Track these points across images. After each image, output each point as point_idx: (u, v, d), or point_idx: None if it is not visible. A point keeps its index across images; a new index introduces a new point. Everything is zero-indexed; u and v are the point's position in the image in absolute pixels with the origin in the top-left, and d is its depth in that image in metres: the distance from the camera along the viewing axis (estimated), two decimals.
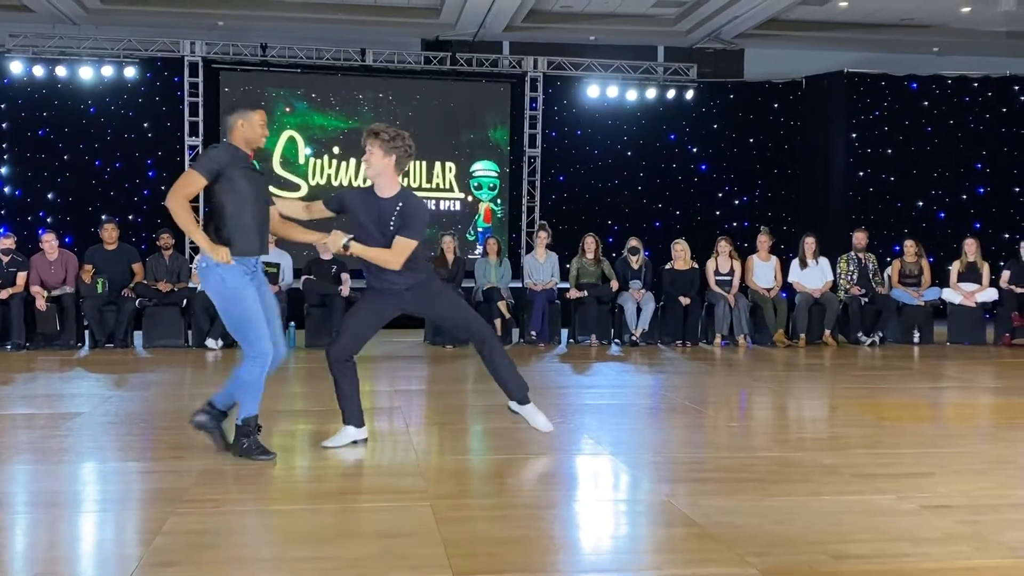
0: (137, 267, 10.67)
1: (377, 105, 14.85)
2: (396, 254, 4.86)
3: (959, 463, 4.78)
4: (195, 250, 13.71)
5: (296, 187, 14.47)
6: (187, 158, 14.09)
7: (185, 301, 10.59)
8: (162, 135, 14.35)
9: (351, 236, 4.89)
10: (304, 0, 13.81)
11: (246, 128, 4.76)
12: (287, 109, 14.54)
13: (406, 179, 14.86)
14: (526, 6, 13.76)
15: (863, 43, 15.51)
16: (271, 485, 4.40)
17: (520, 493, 4.36)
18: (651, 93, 15.17)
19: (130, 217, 13.98)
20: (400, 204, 4.89)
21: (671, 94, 15.20)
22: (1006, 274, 11.29)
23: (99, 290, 10.29)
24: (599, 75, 15.16)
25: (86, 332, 10.46)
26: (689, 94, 15.23)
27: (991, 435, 5.77)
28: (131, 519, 3.87)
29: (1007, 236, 14.19)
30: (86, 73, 13.84)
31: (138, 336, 10.63)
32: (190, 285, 10.60)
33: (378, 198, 4.92)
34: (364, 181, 14.99)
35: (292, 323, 10.55)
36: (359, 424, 5.11)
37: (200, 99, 14.18)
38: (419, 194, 14.95)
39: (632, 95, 15.14)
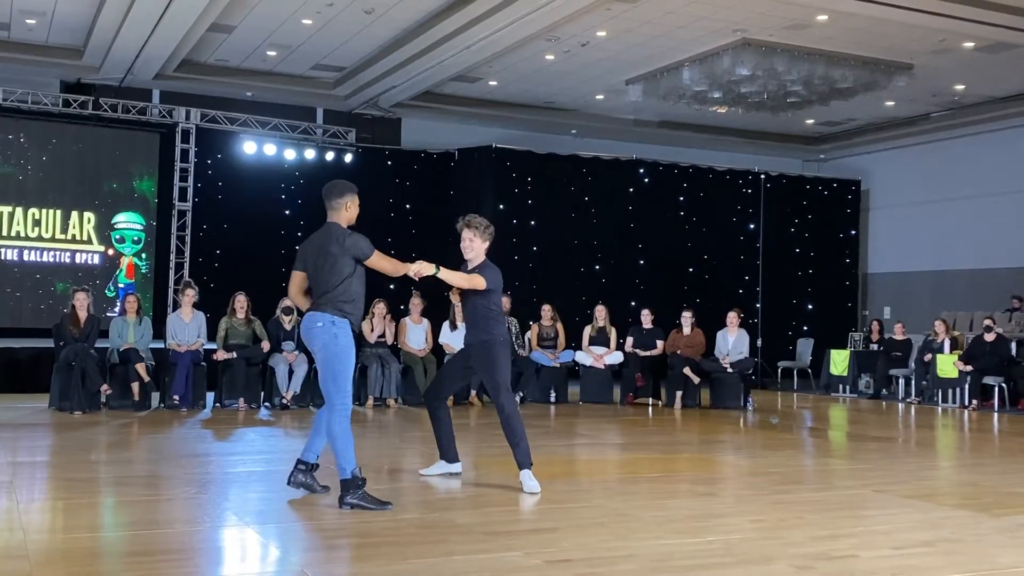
0: None
1: (6, 147, 13.62)
2: (468, 279, 5.84)
3: (582, 517, 5.14)
4: None
5: None
6: None
7: None
8: None
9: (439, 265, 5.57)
10: None
11: (352, 210, 5.43)
12: None
13: (37, 228, 13.72)
14: (179, 55, 13.28)
15: (511, 121, 16.61)
16: None
17: (147, 573, 4.06)
18: (310, 154, 15.17)
19: None
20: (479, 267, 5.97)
21: (330, 156, 15.31)
22: (630, 339, 12.41)
23: None
24: (256, 132, 14.94)
25: None
26: (348, 157, 15.42)
27: (612, 489, 6.27)
28: None
29: (632, 304, 15.63)
30: None
31: None
32: None
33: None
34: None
35: None
36: (452, 460, 6.14)
37: None
38: (53, 245, 13.91)
39: (291, 154, 15.06)
